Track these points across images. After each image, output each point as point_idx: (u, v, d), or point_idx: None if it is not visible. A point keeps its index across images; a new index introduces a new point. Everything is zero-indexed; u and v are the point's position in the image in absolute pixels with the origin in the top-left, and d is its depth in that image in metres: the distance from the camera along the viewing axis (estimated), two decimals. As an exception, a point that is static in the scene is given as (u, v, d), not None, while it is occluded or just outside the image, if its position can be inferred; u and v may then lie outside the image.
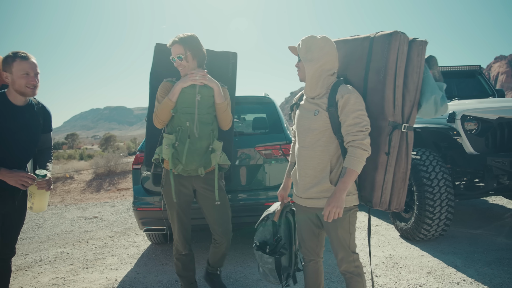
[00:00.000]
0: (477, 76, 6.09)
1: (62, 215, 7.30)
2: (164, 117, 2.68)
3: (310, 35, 2.23)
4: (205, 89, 2.67)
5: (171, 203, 2.82)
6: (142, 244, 4.89)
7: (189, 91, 2.64)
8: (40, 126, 2.61)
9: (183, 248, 2.90)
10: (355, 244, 2.26)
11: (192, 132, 2.64)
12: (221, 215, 2.86)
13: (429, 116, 2.28)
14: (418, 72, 2.18)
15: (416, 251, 4.01)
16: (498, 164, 3.91)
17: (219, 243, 2.91)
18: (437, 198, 3.97)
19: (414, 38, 2.19)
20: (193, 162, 2.66)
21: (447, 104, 2.27)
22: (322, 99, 2.20)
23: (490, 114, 4.16)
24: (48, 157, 2.73)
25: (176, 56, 2.67)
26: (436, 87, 2.25)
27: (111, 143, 36.01)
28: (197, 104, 2.65)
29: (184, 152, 2.62)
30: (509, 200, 6.10)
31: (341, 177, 2.08)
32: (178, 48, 2.66)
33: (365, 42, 2.25)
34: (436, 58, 2.38)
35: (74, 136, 54.81)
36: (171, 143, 2.65)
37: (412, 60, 2.17)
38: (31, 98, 2.55)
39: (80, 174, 12.79)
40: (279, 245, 2.45)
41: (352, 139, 2.07)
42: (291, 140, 4.06)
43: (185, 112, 2.64)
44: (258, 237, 2.56)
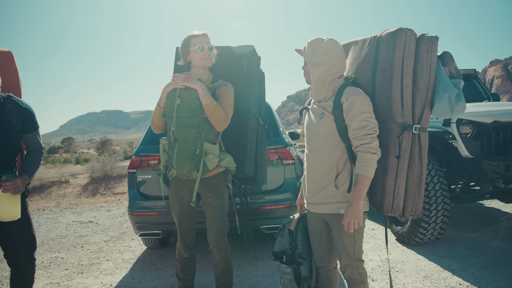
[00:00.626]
0: (472, 80, 6.13)
1: (57, 219, 7.25)
2: (157, 122, 2.69)
3: (317, 38, 2.18)
4: (186, 91, 2.53)
5: (174, 208, 2.81)
6: (138, 249, 4.86)
7: (171, 95, 2.57)
8: (13, 127, 2.38)
9: (184, 251, 2.86)
10: (361, 251, 2.20)
11: (181, 136, 2.57)
12: (215, 221, 2.76)
13: (445, 116, 2.16)
14: (428, 69, 2.08)
15: (412, 255, 4.00)
16: (494, 168, 3.92)
17: (213, 251, 2.82)
18: (433, 202, 3.97)
19: (422, 34, 2.08)
20: (184, 166, 2.60)
21: (464, 102, 2.12)
22: (327, 102, 2.15)
23: (485, 117, 4.18)
24: (31, 159, 2.51)
25: (207, 45, 2.62)
26: (450, 84, 2.11)
27: (107, 147, 35.92)
28: (176, 108, 2.54)
29: (173, 156, 2.60)
30: (505, 204, 6.11)
31: (354, 185, 2.02)
32: (206, 39, 2.64)
33: (372, 43, 2.17)
34: (451, 53, 2.24)
35: (70, 140, 54.63)
36: (163, 148, 2.67)
37: (421, 57, 2.07)
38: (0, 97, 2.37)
39: (76, 178, 12.73)
40: (295, 254, 2.40)
41: (360, 143, 2.01)
42: (287, 144, 4.06)
43: (170, 117, 2.59)
44: (276, 247, 2.53)
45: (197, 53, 2.60)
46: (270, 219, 3.83)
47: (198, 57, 2.61)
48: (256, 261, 4.07)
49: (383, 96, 2.08)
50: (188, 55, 2.65)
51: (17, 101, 2.44)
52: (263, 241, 4.74)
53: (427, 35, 2.08)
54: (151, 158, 4.00)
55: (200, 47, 2.60)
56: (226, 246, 2.81)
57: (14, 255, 2.47)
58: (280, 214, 3.79)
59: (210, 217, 2.78)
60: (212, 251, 2.82)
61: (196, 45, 2.60)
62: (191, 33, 2.65)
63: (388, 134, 2.07)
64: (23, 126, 2.44)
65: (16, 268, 2.50)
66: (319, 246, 2.34)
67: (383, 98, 2.09)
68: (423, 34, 2.09)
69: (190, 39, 2.62)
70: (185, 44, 2.64)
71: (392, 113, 2.06)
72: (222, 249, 2.80)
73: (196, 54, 2.61)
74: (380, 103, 2.10)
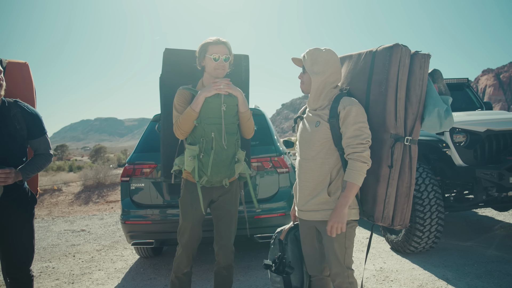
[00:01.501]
0: (465, 88, 6.17)
1: (48, 228, 7.16)
2: (187, 128, 2.55)
3: (315, 47, 2.23)
4: (230, 98, 2.55)
5: (187, 215, 2.69)
6: (130, 258, 4.80)
7: (213, 101, 2.51)
8: (17, 131, 2.40)
9: (186, 266, 2.73)
10: (351, 260, 2.22)
11: (218, 143, 2.52)
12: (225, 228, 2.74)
13: (434, 130, 2.25)
14: (420, 85, 2.16)
15: (407, 264, 3.99)
16: (487, 176, 3.94)
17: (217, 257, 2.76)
18: (427, 210, 3.97)
19: (416, 51, 2.18)
20: (219, 174, 2.56)
21: (452, 117, 2.22)
22: (324, 111, 2.20)
23: (478, 126, 4.21)
24: (32, 160, 2.50)
25: (223, 56, 2.56)
26: (439, 100, 2.21)
27: (101, 154, 35.69)
28: (223, 114, 2.53)
29: (209, 163, 2.51)
30: (499, 212, 6.13)
31: (342, 191, 2.07)
32: (224, 48, 2.57)
33: (368, 56, 2.26)
34: (440, 71, 2.36)
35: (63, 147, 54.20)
36: (195, 155, 2.53)
37: (414, 73, 2.15)
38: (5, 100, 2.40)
39: (69, 186, 12.61)
40: (282, 263, 2.40)
41: (352, 151, 2.06)
42: (281, 152, 4.05)
43: (210, 123, 2.51)
44: (269, 257, 2.55)
45: (211, 61, 2.56)
46: (264, 227, 3.80)
47: (212, 66, 2.57)
48: (249, 271, 4.03)
49: (377, 108, 2.15)
50: (203, 61, 2.61)
51: (23, 106, 2.47)
52: (257, 250, 4.71)
53: (420, 52, 2.17)
54: (145, 166, 3.97)
55: (215, 57, 2.55)
56: (232, 252, 2.80)
57: (11, 263, 2.45)
58: (275, 222, 3.76)
59: (222, 223, 2.74)
60: (217, 257, 2.77)
61: (212, 54, 2.55)
62: (211, 39, 2.59)
63: (381, 144, 2.13)
64: (29, 131, 2.46)
65: (12, 277, 2.48)
66: (311, 254, 2.34)
67: (377, 110, 2.16)
68: (417, 51, 2.18)
69: (208, 46, 2.57)
70: (203, 49, 2.59)
71: (386, 124, 2.12)
72: (229, 255, 2.77)
73: (211, 63, 2.57)
74: (374, 114, 2.17)
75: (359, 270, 3.87)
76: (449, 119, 2.20)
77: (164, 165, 2.95)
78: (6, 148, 2.36)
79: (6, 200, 2.36)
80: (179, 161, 2.67)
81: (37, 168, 2.49)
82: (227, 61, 2.60)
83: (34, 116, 2.50)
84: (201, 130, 2.53)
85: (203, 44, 2.60)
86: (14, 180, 2.32)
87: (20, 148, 2.45)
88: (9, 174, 2.27)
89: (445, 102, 2.23)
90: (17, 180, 2.35)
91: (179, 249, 2.73)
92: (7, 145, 2.36)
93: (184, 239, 2.70)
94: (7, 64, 2.63)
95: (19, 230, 2.44)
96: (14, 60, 2.71)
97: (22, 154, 2.48)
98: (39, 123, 2.53)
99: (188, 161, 2.54)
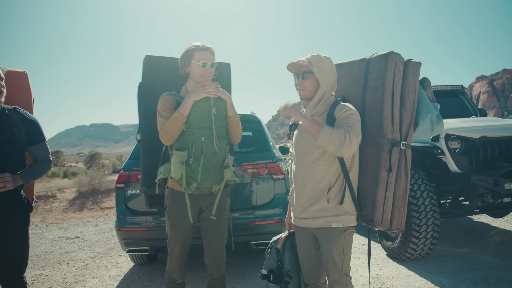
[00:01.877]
0: (460, 95, 6.22)
1: (42, 235, 7.09)
2: (175, 133, 2.46)
3: (317, 54, 2.25)
4: (219, 101, 2.50)
5: (176, 226, 2.62)
6: (125, 265, 4.75)
7: (203, 104, 2.45)
8: (17, 137, 2.42)
9: (179, 276, 2.68)
10: (349, 267, 2.21)
11: (209, 147, 2.45)
12: (217, 239, 2.67)
13: (425, 135, 2.32)
14: (414, 91, 2.23)
15: (403, 271, 3.98)
16: (482, 183, 3.96)
17: (209, 269, 2.70)
18: (423, 217, 3.97)
19: (409, 59, 2.25)
20: (209, 180, 2.48)
21: (442, 123, 2.31)
22: (321, 117, 2.22)
23: (473, 133, 4.23)
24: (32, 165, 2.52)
25: (210, 62, 2.53)
26: (431, 106, 2.31)
27: (96, 160, 35.49)
28: (213, 118, 2.47)
29: (199, 169, 2.43)
30: (494, 218, 6.14)
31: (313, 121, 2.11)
32: (210, 54, 2.54)
33: (361, 64, 2.31)
34: (429, 80, 2.44)
35: (58, 153, 53.85)
36: (184, 160, 2.44)
37: (408, 80, 2.22)
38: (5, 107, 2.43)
39: (63, 192, 12.52)
40: (282, 272, 2.39)
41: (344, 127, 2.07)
42: (277, 158, 4.04)
43: (199, 127, 2.44)
44: (265, 266, 2.52)
45: (198, 68, 2.51)
46: (260, 234, 3.78)
47: (199, 72, 2.53)
48: (245, 278, 4.01)
49: (374, 113, 2.19)
50: (188, 67, 2.55)
51: (22, 112, 2.51)
52: (252, 257, 4.68)
53: (412, 60, 2.25)
54: (140, 173, 3.94)
55: (203, 63, 2.51)
56: (224, 262, 2.73)
57: (5, 269, 2.45)
58: (270, 229, 3.75)
59: (212, 233, 2.67)
60: (209, 268, 2.70)
61: (200, 60, 2.50)
62: (196, 45, 2.53)
63: (379, 149, 2.16)
64: (28, 137, 2.50)
65: (6, 283, 2.48)
66: (307, 261, 2.34)
67: (374, 115, 2.20)
68: (409, 59, 2.25)
69: (194, 52, 2.51)
70: (188, 55, 2.53)
71: (383, 129, 2.16)
72: (222, 266, 2.71)
73: (197, 69, 2.52)
74: (371, 120, 2.20)
75: (355, 277, 3.86)
76: (440, 124, 2.30)
77: (146, 174, 2.80)
78: (5, 154, 2.39)
79: (6, 206, 2.39)
80: (164, 169, 2.59)
81: (37, 174, 2.53)
82: (213, 67, 2.57)
83: (33, 122, 2.54)
84: (189, 134, 2.45)
85: (188, 50, 2.53)
86: (14, 185, 2.35)
87: (19, 154, 2.48)
88: (5, 178, 2.29)
89: (435, 109, 2.32)
90: (17, 185, 2.38)
91: (171, 260, 2.67)
92: (6, 151, 2.39)
93: (175, 251, 2.64)
94: (6, 72, 2.66)
95: (18, 235, 2.47)
96: (13, 69, 2.75)
97: (21, 160, 2.51)
98: (38, 130, 2.56)
99: (176, 167, 2.44)
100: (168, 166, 2.57)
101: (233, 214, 3.78)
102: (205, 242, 2.69)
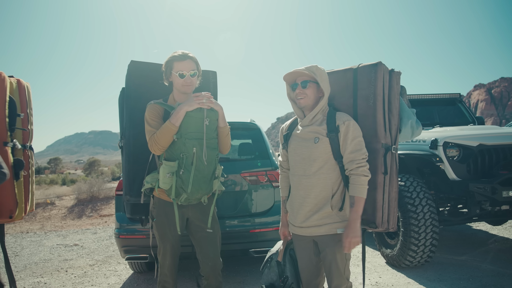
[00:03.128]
0: (458, 103, 6.26)
1: (41, 242, 7.06)
2: (165, 143, 2.43)
3: (315, 65, 2.29)
4: (212, 112, 2.47)
5: (165, 237, 2.59)
6: (124, 273, 4.74)
7: (195, 115, 2.41)
8: None
9: (172, 285, 2.68)
10: (349, 272, 2.26)
11: (200, 158, 2.42)
12: (212, 249, 2.64)
13: (406, 139, 2.52)
14: (398, 98, 2.41)
15: (402, 279, 3.98)
16: (480, 190, 3.97)
17: (208, 279, 2.67)
18: (421, 224, 3.98)
19: (392, 69, 2.40)
20: (199, 191, 2.45)
21: (421, 127, 2.55)
22: (322, 126, 2.24)
23: (471, 141, 4.25)
24: None
25: (189, 72, 2.50)
26: (410, 112, 2.50)
27: (95, 167, 35.44)
28: (205, 129, 2.44)
29: (190, 180, 2.39)
30: (493, 226, 6.15)
31: (351, 207, 2.15)
32: (190, 64, 2.51)
33: (348, 73, 2.40)
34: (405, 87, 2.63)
35: (57, 160, 53.77)
36: (174, 171, 2.41)
37: (393, 88, 2.37)
38: None
39: (62, 199, 12.49)
40: (286, 285, 2.39)
41: (356, 166, 2.15)
42: (277, 166, 4.06)
43: (191, 138, 2.41)
44: (264, 280, 2.51)
45: (178, 78, 2.51)
46: (259, 242, 3.79)
47: (179, 83, 2.52)
48: (244, 286, 4.00)
49: (367, 120, 2.30)
50: (170, 77, 2.56)
51: None
52: (252, 265, 4.68)
53: (395, 70, 2.41)
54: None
55: (181, 74, 2.50)
56: (221, 271, 2.71)
57: None
58: (270, 237, 3.75)
59: (206, 243, 2.63)
60: (207, 280, 2.66)
61: (178, 71, 2.50)
62: (174, 55, 2.52)
63: (375, 154, 2.27)
64: None
65: None
66: (307, 269, 2.35)
67: (367, 122, 2.30)
68: (392, 69, 2.42)
69: (173, 62, 2.51)
70: (168, 65, 2.53)
71: (378, 135, 2.28)
72: (219, 274, 2.68)
73: (177, 80, 2.52)
74: (365, 126, 2.29)
75: (354, 285, 3.86)
76: (419, 129, 2.53)
77: (130, 183, 2.72)
78: None
79: None
80: (151, 179, 2.54)
81: None
82: (194, 77, 2.54)
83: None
84: (181, 145, 2.41)
85: (168, 60, 2.53)
86: None
87: None
88: None
89: (413, 114, 2.53)
90: None
91: (163, 270, 2.66)
92: None
93: (167, 262, 2.63)
94: None
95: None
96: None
97: None
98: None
99: (165, 178, 2.41)
100: (155, 176, 2.53)
101: (232, 221, 3.79)
102: (201, 254, 2.64)
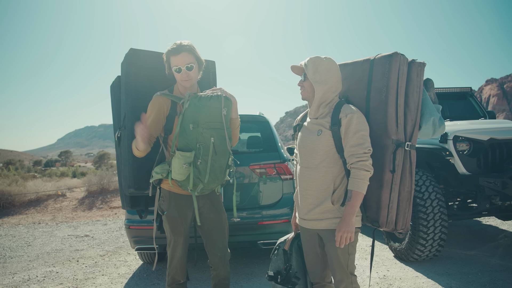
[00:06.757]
0: (469, 98, 6.19)
1: (52, 233, 7.19)
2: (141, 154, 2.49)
3: (316, 56, 2.24)
4: (228, 102, 2.41)
5: (176, 229, 2.54)
6: (134, 264, 4.81)
7: (212, 105, 2.33)
8: None
9: (182, 276, 2.64)
10: (354, 266, 2.23)
11: (218, 148, 2.38)
12: (221, 239, 2.64)
13: (427, 136, 2.35)
14: (418, 92, 2.24)
15: (410, 272, 3.98)
16: (490, 185, 3.94)
17: (216, 270, 2.65)
18: (430, 218, 3.97)
19: (413, 60, 2.25)
20: (215, 181, 2.42)
21: (444, 125, 2.34)
22: (325, 119, 2.21)
23: (482, 135, 4.22)
24: None
25: (185, 66, 2.42)
26: (434, 109, 2.32)
27: (105, 160, 35.79)
28: (224, 119, 2.38)
29: (207, 170, 2.35)
30: (502, 221, 6.10)
31: (348, 201, 2.09)
32: (187, 56, 2.42)
33: (365, 64, 2.29)
34: (432, 81, 2.44)
35: (67, 153, 54.41)
36: (190, 161, 2.34)
37: (412, 80, 2.22)
38: None
39: (73, 191, 12.66)
40: (290, 274, 2.40)
41: (356, 160, 2.08)
42: (285, 159, 4.07)
43: (209, 127, 2.34)
44: (271, 267, 2.53)
45: (176, 73, 2.47)
46: (267, 234, 3.82)
47: (178, 78, 2.48)
48: (253, 277, 4.04)
49: (378, 114, 2.19)
50: (169, 71, 2.51)
51: None
52: (260, 257, 4.71)
53: (417, 61, 2.24)
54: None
55: (176, 69, 2.44)
56: (229, 259, 2.71)
57: None
58: (278, 229, 3.78)
59: (216, 234, 2.62)
60: (216, 270, 2.64)
61: (173, 66, 2.44)
62: (169, 49, 2.45)
63: (384, 150, 2.17)
64: None
65: None
66: (313, 261, 2.35)
67: (378, 116, 2.19)
68: (413, 59, 2.25)
69: (169, 57, 2.46)
70: (167, 59, 2.49)
71: (388, 130, 2.16)
72: (228, 264, 2.68)
73: (175, 74, 2.48)
74: (375, 120, 2.20)
75: (362, 278, 3.87)
76: (442, 127, 2.34)
77: (134, 175, 2.64)
78: None
79: None
80: (161, 170, 2.45)
81: None
82: (191, 70, 2.45)
83: None
84: (197, 134, 2.34)
85: (166, 54, 2.48)
86: None
87: None
88: None
89: (437, 111, 2.35)
90: None
91: (173, 262, 2.62)
92: None
93: (177, 254, 2.59)
94: None
95: None
96: None
97: None
98: None
99: (181, 169, 2.34)
100: (165, 167, 2.45)
101: (241, 213, 3.82)
102: (210, 245, 2.63)
